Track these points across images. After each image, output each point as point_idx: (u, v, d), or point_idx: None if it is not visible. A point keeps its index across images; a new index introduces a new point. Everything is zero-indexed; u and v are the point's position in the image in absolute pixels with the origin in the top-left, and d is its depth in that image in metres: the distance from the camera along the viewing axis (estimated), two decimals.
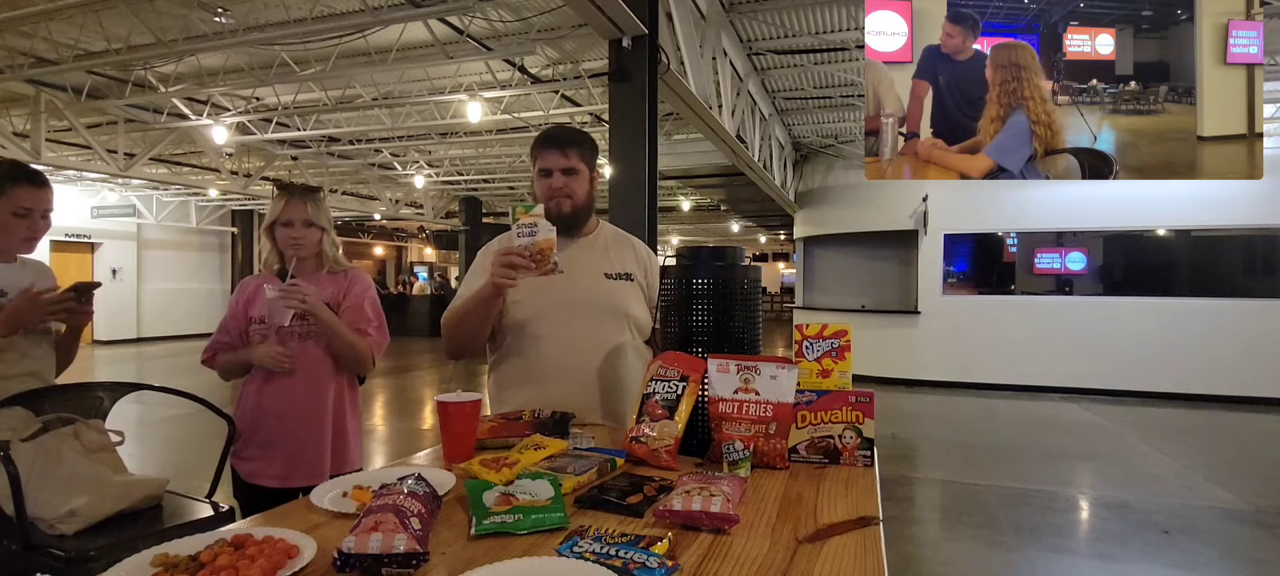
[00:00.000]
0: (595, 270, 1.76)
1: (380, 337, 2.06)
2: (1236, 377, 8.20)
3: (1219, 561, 3.62)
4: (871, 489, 1.15)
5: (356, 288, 2.05)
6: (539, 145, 1.76)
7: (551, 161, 1.72)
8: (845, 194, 10.65)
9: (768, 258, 29.29)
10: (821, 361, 1.38)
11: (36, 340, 1.89)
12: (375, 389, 9.30)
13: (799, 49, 6.50)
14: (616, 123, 4.32)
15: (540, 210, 1.47)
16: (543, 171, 1.74)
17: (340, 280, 2.04)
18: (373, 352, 2.03)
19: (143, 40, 6.08)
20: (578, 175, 1.75)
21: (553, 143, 1.74)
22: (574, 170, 1.74)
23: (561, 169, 1.73)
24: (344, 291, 2.03)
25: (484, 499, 0.99)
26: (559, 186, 1.73)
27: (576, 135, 1.78)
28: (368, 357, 2.02)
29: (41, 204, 1.88)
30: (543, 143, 1.75)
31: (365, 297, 2.05)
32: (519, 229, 1.44)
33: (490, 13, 5.59)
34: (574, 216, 1.76)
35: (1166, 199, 8.50)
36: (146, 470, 1.97)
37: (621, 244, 1.86)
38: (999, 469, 5.45)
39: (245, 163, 11.44)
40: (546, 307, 1.70)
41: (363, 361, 2.02)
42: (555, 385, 1.65)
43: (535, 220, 1.44)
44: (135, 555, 0.80)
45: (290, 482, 1.93)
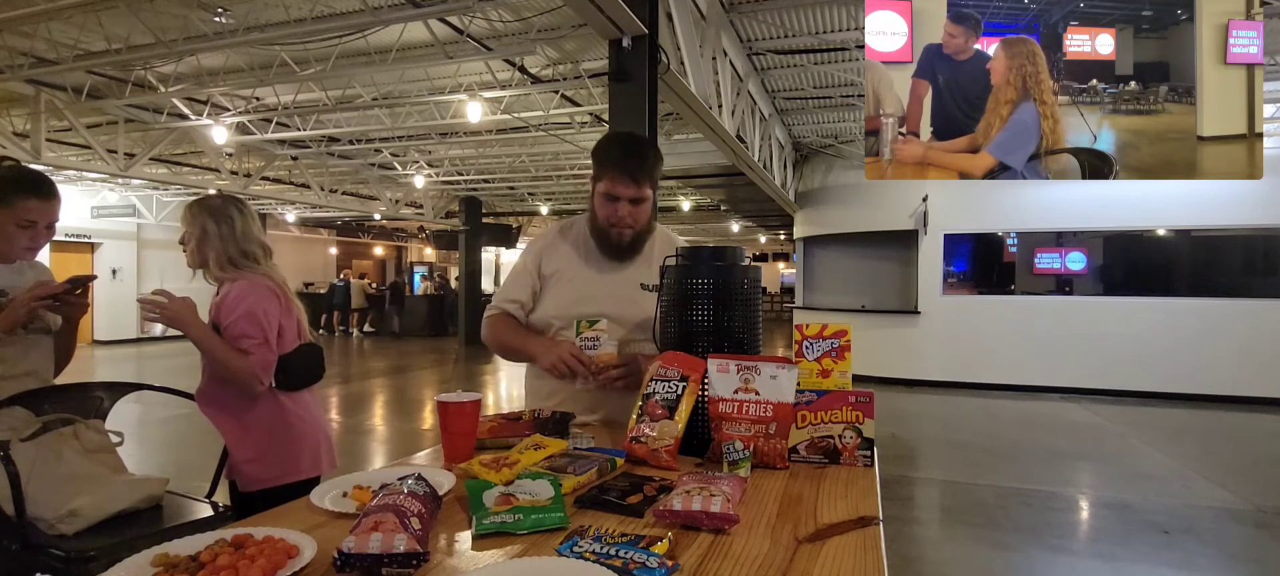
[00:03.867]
0: (633, 283, 1.66)
1: (263, 354, 1.86)
2: (1236, 377, 8.20)
3: (1219, 561, 3.62)
4: (871, 489, 1.15)
5: (232, 298, 1.88)
6: (610, 165, 1.57)
7: (622, 189, 1.56)
8: (845, 194, 10.64)
9: (768, 258, 29.28)
10: (821, 361, 1.38)
11: (36, 340, 1.89)
12: (375, 389, 9.30)
13: (799, 49, 6.50)
14: (616, 123, 4.32)
15: (603, 325, 1.48)
16: (609, 196, 1.58)
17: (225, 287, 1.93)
18: (256, 371, 1.85)
19: (143, 40, 6.07)
20: (645, 204, 1.60)
21: (627, 171, 1.55)
22: (642, 199, 1.59)
23: (630, 198, 1.57)
24: (222, 298, 1.90)
25: (484, 499, 0.99)
26: (624, 215, 1.58)
27: (652, 158, 1.60)
28: (250, 376, 1.84)
29: (48, 216, 1.87)
30: (616, 165, 1.56)
31: (239, 310, 1.86)
32: (582, 340, 1.43)
33: (490, 13, 5.59)
34: (633, 244, 1.65)
35: (1166, 199, 8.49)
36: (146, 470, 1.97)
37: (667, 250, 1.72)
38: (999, 469, 5.45)
39: (245, 163, 11.44)
40: (571, 318, 1.66)
41: (242, 380, 1.84)
42: (585, 394, 1.64)
43: (598, 336, 1.43)
44: (135, 555, 0.80)
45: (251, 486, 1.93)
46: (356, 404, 8.23)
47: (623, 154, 1.59)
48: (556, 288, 1.71)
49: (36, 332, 1.89)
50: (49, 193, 1.86)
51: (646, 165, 1.58)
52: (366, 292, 18.12)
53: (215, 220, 1.95)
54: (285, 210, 16.34)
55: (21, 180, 1.84)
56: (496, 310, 1.76)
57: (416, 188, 13.80)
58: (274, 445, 1.93)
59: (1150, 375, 8.50)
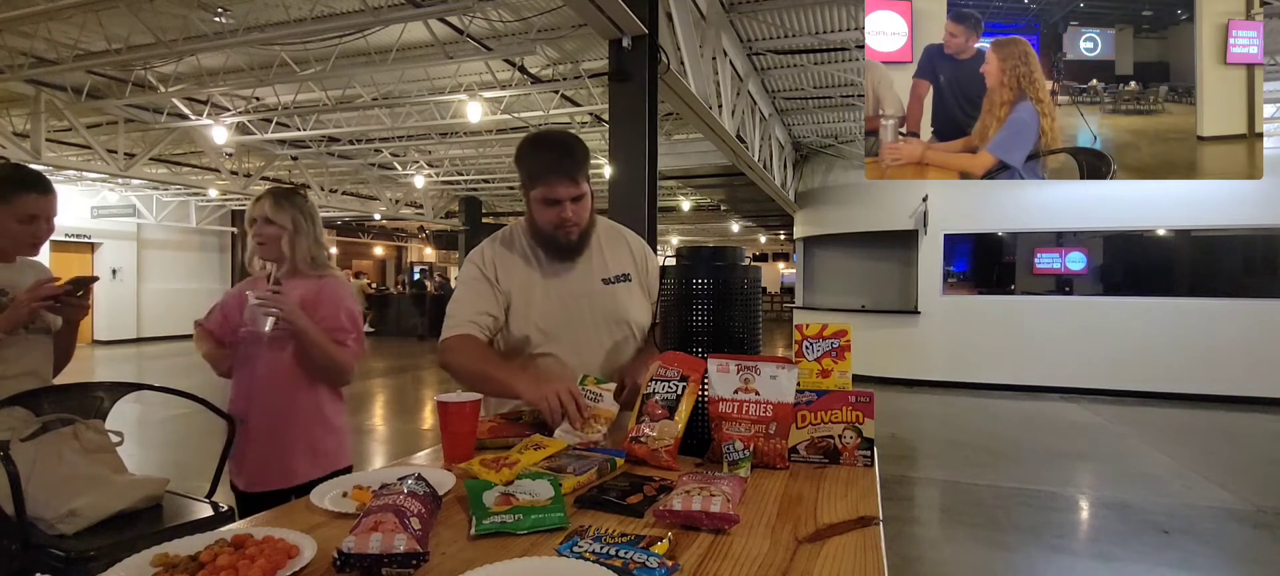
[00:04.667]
0: (592, 278, 1.67)
1: (357, 348, 1.99)
2: (1236, 377, 8.20)
3: (1219, 561, 3.62)
4: (871, 489, 1.15)
5: (331, 295, 1.96)
6: (545, 170, 1.53)
7: (562, 191, 1.53)
8: (845, 194, 10.65)
9: (768, 258, 29.29)
10: (821, 361, 1.38)
11: (36, 340, 1.89)
12: (375, 389, 9.30)
13: (799, 49, 6.50)
14: (616, 123, 4.32)
15: (612, 386, 1.40)
16: (549, 200, 1.54)
17: (312, 283, 1.97)
18: (350, 363, 1.97)
19: (143, 40, 6.08)
20: (584, 198, 1.58)
21: (564, 172, 1.52)
22: (582, 195, 1.57)
23: (572, 198, 1.55)
24: (315, 294, 1.94)
25: (484, 499, 0.99)
26: (569, 215, 1.55)
27: (582, 153, 1.57)
28: (347, 368, 1.96)
29: (47, 210, 1.88)
30: (550, 171, 1.52)
31: (340, 306, 1.96)
32: (587, 392, 1.39)
33: (490, 13, 5.59)
34: (582, 239, 1.62)
35: (1166, 199, 8.50)
36: (146, 470, 1.97)
37: (615, 241, 1.74)
38: (999, 469, 5.45)
39: (245, 163, 11.45)
40: (547, 324, 1.63)
41: (341, 372, 1.96)
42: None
43: (602, 393, 1.38)
44: (135, 555, 0.80)
45: (257, 487, 1.95)
46: (357, 404, 8.23)
47: (556, 156, 1.54)
48: (522, 299, 1.63)
49: (36, 332, 1.89)
50: (46, 187, 1.88)
51: (579, 160, 1.55)
52: (366, 293, 18.13)
53: (304, 215, 1.97)
54: None
55: (17, 177, 1.86)
56: (459, 332, 1.58)
57: (416, 188, 13.81)
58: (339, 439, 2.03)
59: (1150, 375, 8.50)
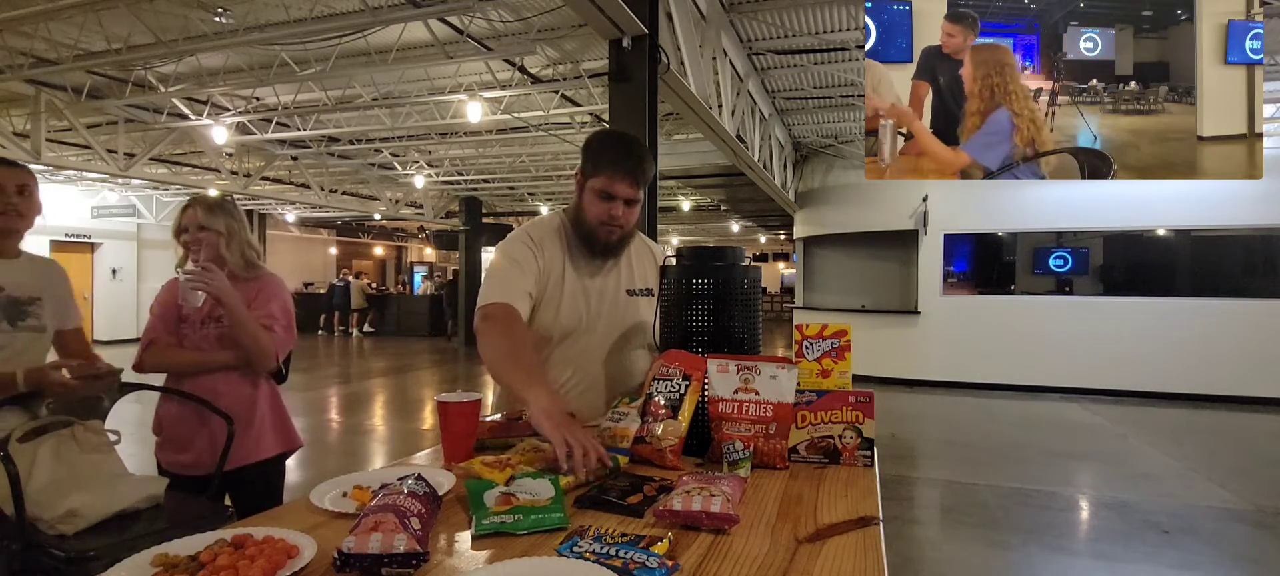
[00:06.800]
0: (619, 285, 1.69)
1: (286, 338, 2.07)
2: (1236, 377, 8.20)
3: (1219, 561, 3.62)
4: (871, 489, 1.15)
5: (267, 289, 2.08)
6: (611, 163, 1.53)
7: (621, 189, 1.53)
8: (845, 194, 10.65)
9: (768, 258, 29.28)
10: (821, 361, 1.38)
11: (32, 339, 1.89)
12: (375, 389, 9.30)
13: (799, 49, 6.50)
14: (616, 123, 4.31)
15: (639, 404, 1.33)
16: (605, 194, 1.54)
17: (252, 284, 2.07)
18: (276, 350, 2.04)
19: (143, 40, 6.07)
20: (636, 205, 1.59)
21: (628, 171, 1.52)
22: (635, 201, 1.57)
23: (626, 199, 1.55)
24: (254, 293, 2.05)
25: (484, 499, 0.99)
26: (618, 215, 1.56)
27: (650, 165, 1.59)
28: (269, 353, 2.02)
29: (15, 179, 1.86)
30: (618, 164, 1.53)
31: (274, 298, 2.08)
32: (615, 414, 1.34)
33: (490, 13, 5.59)
34: (619, 244, 1.63)
35: (1166, 199, 8.49)
36: (146, 470, 1.97)
37: (643, 254, 1.76)
38: (999, 469, 5.45)
39: (245, 163, 11.44)
40: (568, 321, 1.63)
41: (264, 357, 2.02)
42: (574, 403, 1.59)
43: (631, 410, 1.33)
44: (135, 555, 0.80)
45: (197, 471, 2.01)
46: (357, 403, 8.23)
47: (625, 153, 1.55)
48: (552, 288, 1.63)
49: (33, 332, 1.89)
50: (10, 162, 1.90)
51: (645, 168, 1.56)
52: (366, 293, 18.13)
53: (236, 220, 2.08)
54: (285, 210, 16.35)
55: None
56: (502, 302, 1.49)
57: (416, 188, 13.80)
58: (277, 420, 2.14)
59: (1150, 375, 8.50)
